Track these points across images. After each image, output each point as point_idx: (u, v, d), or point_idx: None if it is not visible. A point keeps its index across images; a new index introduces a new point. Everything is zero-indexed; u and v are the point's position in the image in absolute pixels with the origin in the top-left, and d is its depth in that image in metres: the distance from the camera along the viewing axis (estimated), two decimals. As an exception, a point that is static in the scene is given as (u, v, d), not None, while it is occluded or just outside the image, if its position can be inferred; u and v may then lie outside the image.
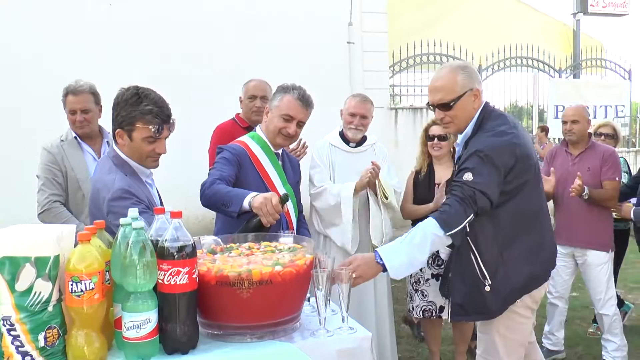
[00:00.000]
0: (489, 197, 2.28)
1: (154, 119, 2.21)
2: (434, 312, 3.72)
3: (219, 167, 2.57)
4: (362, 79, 7.82)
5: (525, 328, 2.56)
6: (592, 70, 10.04)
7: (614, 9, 10.14)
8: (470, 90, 2.45)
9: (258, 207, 2.24)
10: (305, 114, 2.74)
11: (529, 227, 2.47)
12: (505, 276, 2.40)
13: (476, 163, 2.32)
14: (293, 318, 1.88)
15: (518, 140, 2.41)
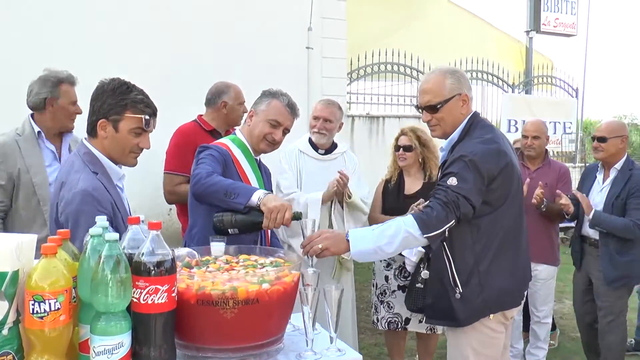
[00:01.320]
0: (472, 203, 2.23)
1: (146, 109, 2.08)
2: (400, 323, 3.65)
3: (209, 163, 2.40)
4: (321, 85, 7.71)
5: (498, 343, 2.50)
6: (543, 87, 10.34)
7: (564, 29, 10.50)
8: (458, 94, 2.43)
9: (270, 209, 2.12)
10: (291, 121, 2.63)
11: (509, 244, 2.42)
12: (478, 287, 2.35)
13: (461, 168, 2.28)
14: (278, 339, 1.73)
15: (504, 150, 2.37)
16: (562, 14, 10.43)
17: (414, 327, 3.65)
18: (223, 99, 3.59)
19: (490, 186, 2.30)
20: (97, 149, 2.11)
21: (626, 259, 3.54)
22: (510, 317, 2.52)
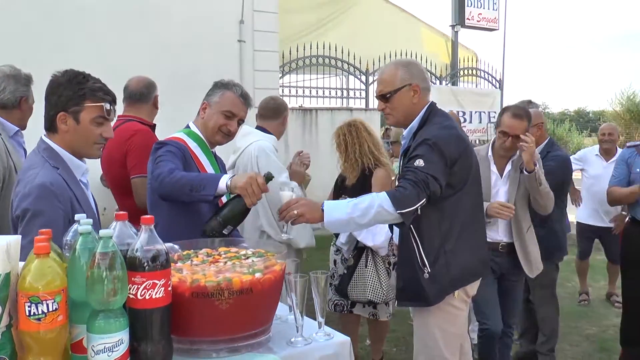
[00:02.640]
0: (440, 182, 2.35)
1: (105, 96, 2.02)
2: (345, 307, 3.75)
3: (169, 159, 2.33)
4: (253, 78, 7.71)
5: (461, 320, 2.66)
6: (468, 79, 10.79)
7: (487, 23, 11.00)
8: (409, 85, 2.55)
9: (243, 186, 2.08)
10: (245, 111, 2.62)
11: (470, 223, 2.57)
12: (445, 266, 2.47)
13: (425, 150, 2.39)
14: (267, 328, 1.75)
15: (462, 136, 2.56)
16: (485, 9, 10.92)
17: (358, 311, 3.76)
18: (155, 93, 3.46)
19: (453, 169, 2.43)
20: (58, 144, 2.03)
21: (543, 232, 3.68)
22: (472, 294, 2.66)
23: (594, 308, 5.45)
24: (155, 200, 2.40)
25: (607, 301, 5.57)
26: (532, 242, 3.41)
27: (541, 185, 3.20)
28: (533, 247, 3.41)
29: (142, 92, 3.41)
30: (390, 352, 4.26)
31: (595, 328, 4.89)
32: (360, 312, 3.76)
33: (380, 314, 3.73)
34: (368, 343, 4.22)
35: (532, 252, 3.39)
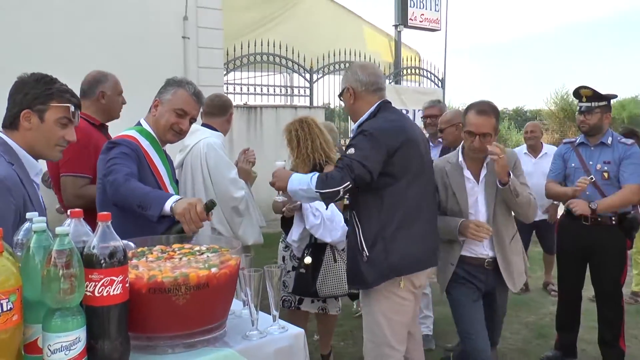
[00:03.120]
0: (368, 168, 2.50)
1: (72, 99, 2.01)
2: (293, 302, 3.78)
3: (123, 162, 2.30)
4: (197, 75, 7.63)
5: (407, 310, 2.77)
6: (411, 78, 11.04)
7: (429, 24, 11.28)
8: (345, 88, 2.83)
9: (181, 213, 2.02)
10: (198, 110, 2.62)
11: (414, 216, 2.68)
12: (383, 252, 2.62)
13: (359, 140, 2.60)
14: (223, 323, 1.77)
15: (405, 128, 2.68)
16: (427, 10, 11.18)
17: (306, 307, 3.79)
18: (101, 89, 3.32)
19: (392, 159, 2.58)
20: (16, 142, 2.00)
21: None
22: (419, 285, 2.77)
23: (532, 297, 5.71)
24: (106, 199, 2.36)
25: (544, 290, 5.84)
26: (515, 253, 3.21)
27: (518, 197, 2.96)
28: (516, 258, 3.21)
29: (83, 88, 3.32)
30: (337, 346, 4.34)
31: (534, 316, 5.13)
32: (308, 308, 3.81)
33: (330, 308, 3.80)
34: (316, 338, 4.27)
35: (516, 264, 3.18)
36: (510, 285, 3.16)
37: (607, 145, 3.83)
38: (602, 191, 3.79)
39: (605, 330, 3.95)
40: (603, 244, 3.79)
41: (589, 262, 3.93)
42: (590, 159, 3.87)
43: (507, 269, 3.14)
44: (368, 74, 2.80)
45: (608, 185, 3.78)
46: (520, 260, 3.25)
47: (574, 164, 3.93)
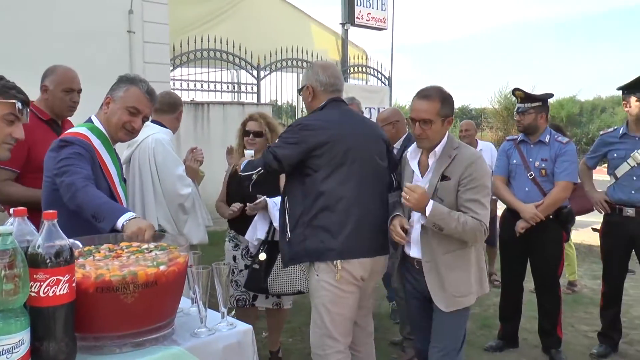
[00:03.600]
0: (278, 157, 2.73)
1: (18, 95, 1.92)
2: (248, 300, 3.78)
3: (78, 164, 2.22)
4: (144, 70, 7.47)
5: (348, 303, 2.84)
6: (358, 76, 11.15)
7: (376, 23, 11.42)
8: (306, 86, 2.97)
9: (129, 235, 1.95)
10: (151, 108, 2.56)
11: (337, 206, 2.78)
12: (301, 235, 2.80)
13: (286, 131, 2.88)
14: (171, 321, 1.77)
15: (328, 128, 2.80)
16: (374, 9, 11.32)
17: (261, 303, 3.80)
18: (43, 82, 3.22)
19: (313, 153, 2.75)
20: None
21: None
22: (360, 276, 2.83)
23: (475, 290, 5.88)
24: (55, 198, 2.26)
25: (489, 282, 6.03)
26: (454, 268, 2.72)
27: (443, 230, 2.62)
28: (454, 275, 2.72)
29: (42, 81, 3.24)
30: (286, 342, 4.35)
31: (478, 308, 5.28)
32: (263, 304, 3.80)
33: (285, 302, 3.82)
34: (264, 335, 4.28)
35: (452, 281, 2.71)
36: (437, 301, 2.73)
37: (545, 143, 4.00)
38: (541, 187, 3.96)
39: (544, 319, 4.14)
40: (542, 237, 3.95)
41: (529, 255, 4.09)
42: (530, 155, 4.04)
43: (435, 282, 2.73)
44: (328, 75, 2.94)
45: (546, 181, 3.96)
46: (462, 280, 2.72)
47: (515, 160, 4.09)
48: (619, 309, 4.27)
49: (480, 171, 2.67)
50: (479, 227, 2.61)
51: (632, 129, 4.02)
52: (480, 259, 2.84)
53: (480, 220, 2.61)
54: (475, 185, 2.64)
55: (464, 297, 2.73)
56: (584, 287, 6.01)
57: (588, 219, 4.78)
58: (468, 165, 2.66)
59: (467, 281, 2.73)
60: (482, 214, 2.63)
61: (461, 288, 2.72)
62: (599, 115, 26.77)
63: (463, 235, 2.62)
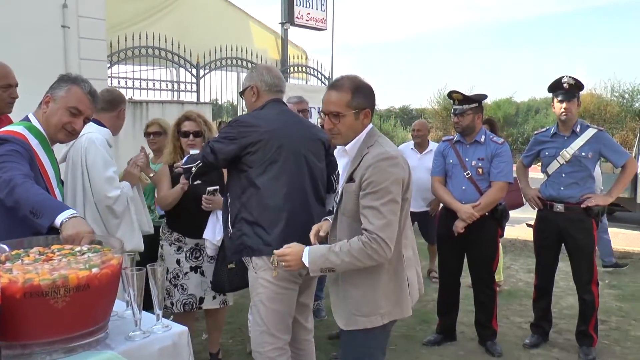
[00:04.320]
0: (213, 148, 2.85)
1: None
2: (195, 304, 3.72)
3: (17, 161, 2.12)
4: (79, 67, 7.23)
5: (285, 299, 2.88)
6: (298, 76, 11.15)
7: (315, 23, 11.43)
8: (250, 86, 3.06)
9: (66, 238, 1.87)
10: (92, 110, 2.46)
11: (271, 203, 2.85)
12: (239, 231, 2.89)
13: (225, 127, 2.98)
14: (105, 325, 1.73)
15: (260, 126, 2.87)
16: (314, 9, 11.34)
17: (208, 305, 3.74)
18: None
19: (248, 149, 2.83)
20: None
21: None
22: (298, 273, 2.84)
23: (416, 286, 6.00)
24: None
25: (427, 278, 6.17)
26: (356, 285, 2.38)
27: (336, 270, 2.33)
28: (357, 292, 2.39)
29: None
30: (226, 343, 4.32)
31: (418, 303, 5.31)
32: (210, 306, 3.74)
33: (229, 299, 3.80)
34: (204, 337, 4.24)
35: (351, 298, 2.40)
36: (336, 317, 2.47)
37: (481, 143, 4.14)
38: (477, 186, 4.09)
39: (481, 313, 4.28)
40: (478, 233, 4.08)
41: (466, 251, 4.22)
42: (466, 155, 4.16)
43: (336, 295, 2.48)
44: (273, 77, 3.04)
45: (482, 180, 4.09)
46: (366, 298, 2.36)
47: (452, 160, 4.21)
48: (550, 301, 4.46)
49: (383, 174, 2.24)
50: (366, 247, 2.21)
51: (561, 128, 4.20)
52: (401, 278, 2.39)
53: (372, 232, 2.21)
54: (374, 190, 2.24)
55: (365, 317, 2.35)
56: (519, 281, 6.25)
57: (523, 215, 4.96)
58: (369, 166, 2.26)
59: (373, 300, 2.35)
60: (378, 224, 2.21)
61: (363, 307, 2.36)
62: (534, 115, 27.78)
63: (359, 263, 2.23)
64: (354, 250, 2.22)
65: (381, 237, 2.20)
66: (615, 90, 23.23)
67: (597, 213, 4.13)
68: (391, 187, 2.24)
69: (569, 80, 4.06)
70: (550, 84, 4.18)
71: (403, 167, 2.32)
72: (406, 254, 2.41)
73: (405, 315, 2.43)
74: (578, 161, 4.08)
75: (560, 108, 4.10)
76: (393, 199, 2.24)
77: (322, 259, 2.27)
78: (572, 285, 4.37)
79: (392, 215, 2.24)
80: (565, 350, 4.28)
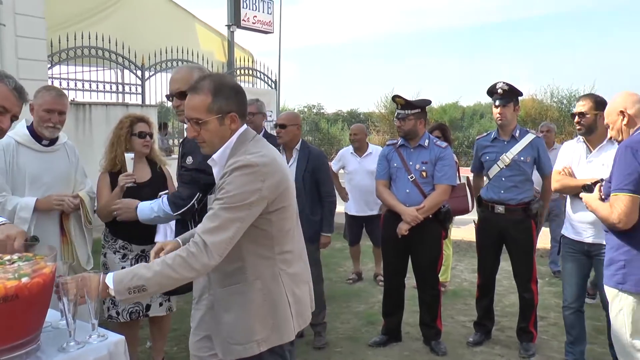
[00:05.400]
0: (208, 171, 2.32)
1: None
2: (141, 312, 3.62)
3: None
4: (17, 67, 6.99)
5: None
6: (245, 79, 11.09)
7: (262, 26, 11.43)
8: None
9: None
10: (20, 107, 2.35)
11: None
12: None
13: (191, 146, 2.71)
14: (36, 337, 1.66)
15: None
16: (260, 12, 11.33)
17: (155, 312, 3.65)
18: None
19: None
20: None
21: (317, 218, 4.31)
22: None
23: (363, 288, 6.06)
24: None
25: (374, 281, 6.23)
26: (230, 309, 2.13)
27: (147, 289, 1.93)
28: (229, 317, 2.13)
29: None
30: (170, 351, 4.24)
31: (364, 305, 5.45)
32: (157, 313, 3.65)
33: (174, 305, 3.73)
34: (148, 345, 4.15)
35: (225, 324, 2.15)
36: (215, 345, 2.23)
37: (425, 147, 4.21)
38: (421, 189, 4.16)
39: (425, 313, 4.36)
40: (421, 235, 4.15)
41: (410, 253, 4.28)
42: (410, 159, 4.22)
43: (212, 321, 2.25)
44: None
45: (426, 183, 4.17)
46: (239, 323, 2.10)
47: (396, 163, 4.27)
48: (492, 299, 4.58)
49: (235, 182, 1.98)
50: (183, 252, 1.93)
51: (501, 133, 4.32)
52: (278, 298, 2.10)
53: (198, 235, 1.95)
54: (221, 196, 2.00)
55: (240, 345, 2.09)
56: (464, 281, 6.38)
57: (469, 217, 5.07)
58: (225, 174, 2.03)
59: (246, 326, 2.08)
60: (208, 226, 1.95)
61: (236, 334, 2.09)
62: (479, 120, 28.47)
63: (173, 273, 1.90)
64: (169, 258, 1.92)
65: (205, 240, 1.92)
66: (554, 96, 24.07)
67: (535, 214, 4.27)
68: (240, 196, 1.96)
69: (503, 86, 4.19)
70: (487, 88, 4.30)
71: (263, 176, 2.00)
72: (290, 270, 2.13)
73: (285, 340, 2.12)
74: (517, 165, 4.20)
75: (496, 113, 4.24)
76: (238, 208, 1.95)
77: (130, 275, 1.90)
78: (515, 284, 4.49)
79: (229, 223, 1.94)
80: (507, 347, 4.40)
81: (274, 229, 2.07)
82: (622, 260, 2.82)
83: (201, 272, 1.96)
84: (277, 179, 2.04)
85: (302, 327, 2.19)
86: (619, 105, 2.98)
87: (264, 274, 2.07)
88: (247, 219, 1.98)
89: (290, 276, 2.13)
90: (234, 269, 2.08)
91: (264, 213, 2.02)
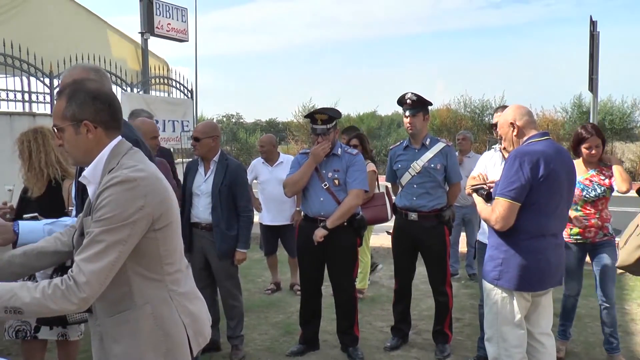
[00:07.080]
0: None
1: None
2: (29, 332, 3.39)
3: None
4: None
5: None
6: (160, 87, 10.78)
7: (176, 34, 11.15)
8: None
9: None
10: None
11: None
12: None
13: None
14: None
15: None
16: (174, 20, 11.08)
17: (44, 335, 3.42)
18: None
19: None
20: None
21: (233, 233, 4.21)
22: None
23: (282, 298, 6.01)
24: None
25: (291, 290, 6.21)
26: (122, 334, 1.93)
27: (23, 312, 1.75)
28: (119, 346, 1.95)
29: None
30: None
31: (282, 315, 5.41)
32: (46, 336, 3.44)
33: (71, 334, 3.49)
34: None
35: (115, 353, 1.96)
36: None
37: (337, 155, 4.26)
38: (335, 196, 4.19)
39: (342, 320, 4.38)
40: (337, 242, 4.17)
41: (325, 260, 4.29)
42: (323, 167, 4.26)
43: (103, 352, 2.06)
44: None
45: (339, 190, 4.20)
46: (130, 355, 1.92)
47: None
48: (409, 303, 4.68)
49: (114, 200, 1.77)
50: (61, 282, 1.74)
51: (412, 142, 4.45)
52: (170, 321, 1.94)
53: (76, 264, 1.76)
54: (99, 218, 1.78)
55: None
56: (382, 287, 6.47)
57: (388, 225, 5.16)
58: (101, 192, 1.80)
59: (137, 356, 1.92)
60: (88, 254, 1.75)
61: (130, 355, 1.93)
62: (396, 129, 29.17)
63: (51, 304, 1.72)
64: (49, 287, 1.73)
65: (82, 270, 1.73)
66: (467, 106, 25.07)
67: (447, 219, 4.41)
68: (120, 216, 1.76)
69: (412, 97, 4.32)
70: (397, 99, 4.42)
71: (144, 191, 1.81)
72: (182, 289, 1.99)
73: None
74: (428, 172, 4.32)
75: (407, 122, 4.38)
76: (119, 229, 1.76)
77: (10, 293, 1.71)
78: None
79: (110, 247, 1.75)
80: (424, 350, 4.50)
81: (160, 248, 1.89)
82: (500, 258, 3.05)
83: (82, 306, 1.76)
84: (160, 194, 1.86)
85: (203, 345, 2.07)
86: (509, 117, 3.16)
87: (154, 297, 1.90)
88: (130, 240, 1.78)
89: (182, 295, 1.98)
90: (121, 295, 1.89)
91: (149, 232, 1.84)
